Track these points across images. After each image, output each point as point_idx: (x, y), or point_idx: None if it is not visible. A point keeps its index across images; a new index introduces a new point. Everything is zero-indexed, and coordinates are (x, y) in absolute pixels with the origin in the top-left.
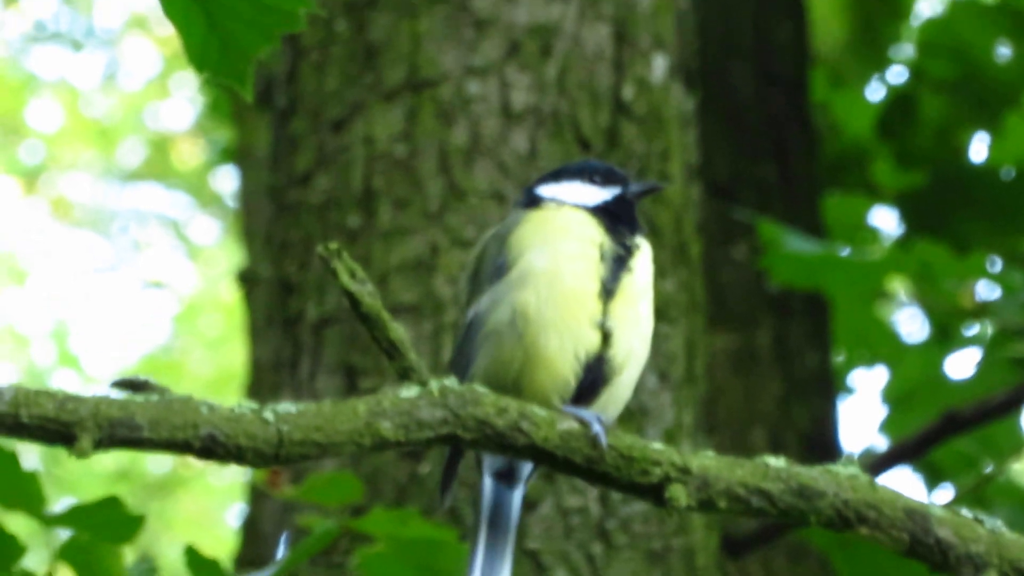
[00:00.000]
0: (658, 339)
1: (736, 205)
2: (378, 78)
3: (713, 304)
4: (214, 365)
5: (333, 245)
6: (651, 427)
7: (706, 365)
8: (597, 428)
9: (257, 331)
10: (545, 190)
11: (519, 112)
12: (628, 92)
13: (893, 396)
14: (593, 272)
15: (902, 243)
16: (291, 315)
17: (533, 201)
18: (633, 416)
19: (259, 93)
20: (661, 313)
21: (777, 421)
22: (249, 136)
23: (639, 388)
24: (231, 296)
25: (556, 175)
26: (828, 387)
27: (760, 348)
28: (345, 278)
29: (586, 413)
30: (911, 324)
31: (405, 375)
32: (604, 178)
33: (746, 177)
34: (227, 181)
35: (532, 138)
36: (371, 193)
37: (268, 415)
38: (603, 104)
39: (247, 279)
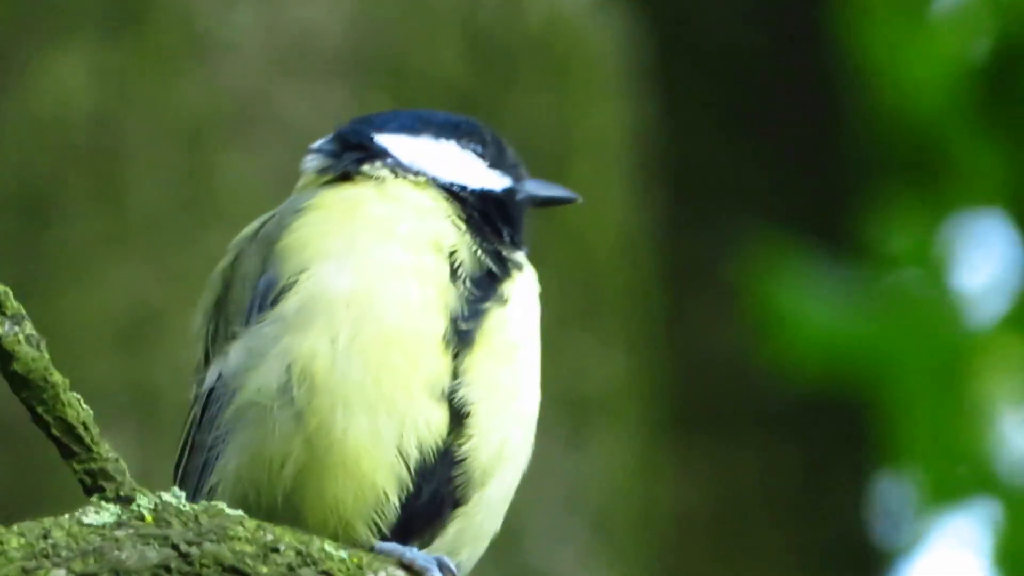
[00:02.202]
0: (582, 461)
1: (717, 231)
2: (56, 4)
3: (686, 405)
4: None
5: None
6: None
7: (669, 509)
8: None
9: None
10: (388, 141)
11: (309, 56)
12: (515, 23)
13: (1006, 556)
14: (436, 300)
15: None
16: None
17: (351, 160)
18: None
19: None
20: (589, 414)
21: None
22: None
23: (542, 537)
24: None
25: (412, 121)
26: (872, 549)
27: (765, 485)
28: None
29: (420, 555)
30: None
31: (94, 485)
32: (493, 151)
33: (732, 175)
34: None
35: (326, 102)
36: (41, 195)
37: None
38: (460, 43)
39: None
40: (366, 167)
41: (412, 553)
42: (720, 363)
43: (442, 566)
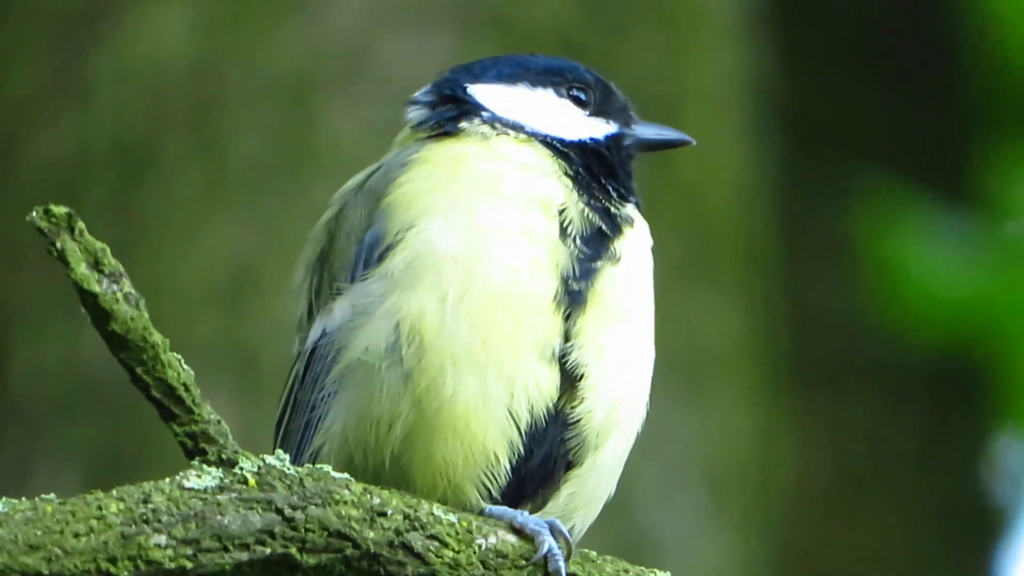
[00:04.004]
0: (696, 420)
1: (834, 182)
2: None
3: (802, 362)
4: None
5: (60, 210)
6: (675, 568)
7: (785, 471)
8: (550, 545)
9: None
10: (482, 93)
11: (412, 6)
12: None
13: None
14: (546, 260)
15: None
16: None
17: (449, 118)
18: (637, 550)
19: None
20: (704, 371)
21: (902, 570)
22: None
23: (654, 500)
24: None
25: (507, 70)
26: (990, 511)
27: (883, 445)
28: (81, 269)
29: (531, 519)
30: None
31: (195, 448)
32: (598, 98)
33: (849, 125)
34: None
35: (430, 53)
36: (139, 150)
37: None
38: None
39: None
40: (464, 123)
41: (523, 517)
42: (837, 319)
43: (554, 530)
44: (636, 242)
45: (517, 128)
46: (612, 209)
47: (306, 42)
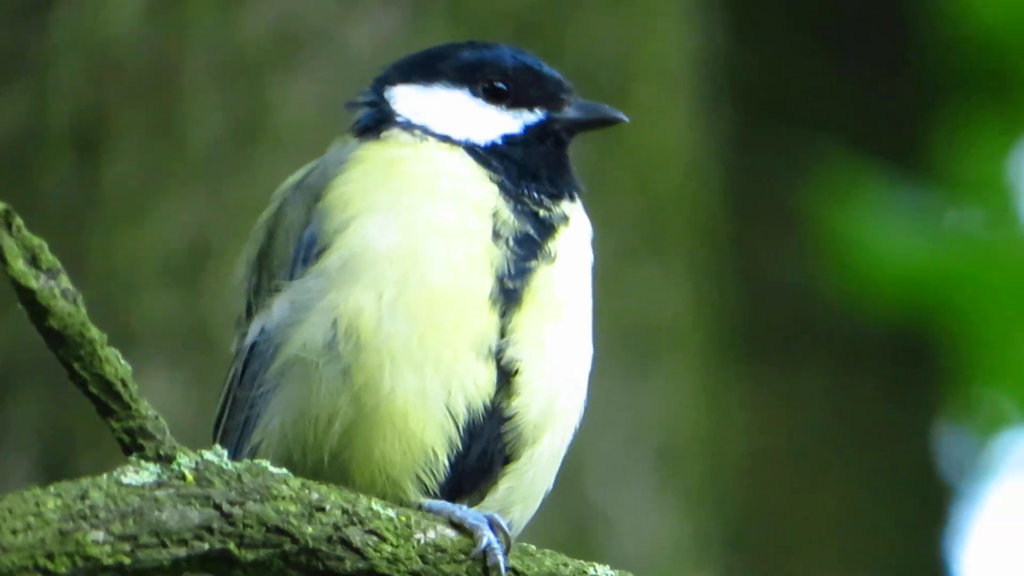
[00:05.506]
0: (646, 394)
1: (786, 155)
2: None
3: (754, 336)
4: None
5: None
6: (627, 545)
7: (737, 444)
8: (489, 539)
9: None
10: (403, 97)
11: None
12: None
13: None
14: (482, 259)
15: None
16: None
17: (377, 121)
18: (588, 527)
19: None
20: (654, 345)
21: (856, 544)
22: None
23: (604, 475)
24: None
25: (426, 68)
26: (943, 481)
27: (835, 417)
28: (19, 265)
29: (470, 513)
30: None
31: (133, 444)
32: (515, 88)
33: (802, 98)
34: None
35: (385, 31)
36: (95, 128)
37: None
38: None
39: None
40: (384, 130)
41: (462, 511)
42: (788, 292)
43: (493, 524)
44: (572, 239)
45: (428, 132)
46: (541, 213)
47: (262, 20)
